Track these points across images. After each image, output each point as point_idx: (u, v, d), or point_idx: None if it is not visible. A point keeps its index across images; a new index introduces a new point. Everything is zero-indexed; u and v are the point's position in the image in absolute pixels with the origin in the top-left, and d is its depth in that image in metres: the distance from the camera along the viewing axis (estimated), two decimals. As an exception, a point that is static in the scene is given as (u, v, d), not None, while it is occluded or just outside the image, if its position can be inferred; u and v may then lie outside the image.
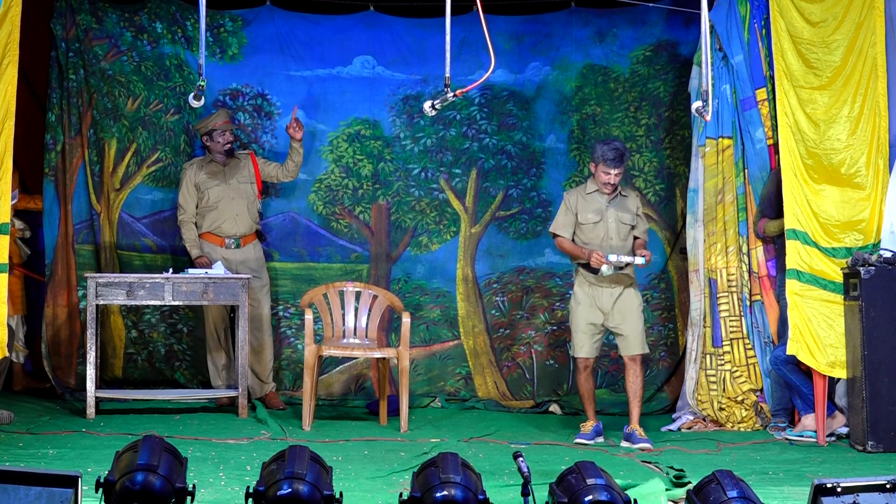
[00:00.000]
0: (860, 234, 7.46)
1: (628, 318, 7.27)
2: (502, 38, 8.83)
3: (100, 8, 8.61)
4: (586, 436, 7.30)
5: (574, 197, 7.40)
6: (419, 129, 8.93)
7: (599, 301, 7.29)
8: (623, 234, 7.32)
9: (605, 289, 7.28)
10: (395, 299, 8.03)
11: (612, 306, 7.27)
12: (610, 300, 7.27)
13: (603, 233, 7.30)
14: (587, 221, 7.31)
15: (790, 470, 6.37)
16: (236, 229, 8.32)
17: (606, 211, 7.31)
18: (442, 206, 8.94)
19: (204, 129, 8.33)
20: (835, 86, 7.58)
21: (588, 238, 7.32)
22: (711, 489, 4.36)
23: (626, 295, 7.29)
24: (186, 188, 8.31)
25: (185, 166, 8.42)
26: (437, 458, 4.47)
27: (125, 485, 4.12)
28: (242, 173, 8.37)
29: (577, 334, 7.34)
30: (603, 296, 7.28)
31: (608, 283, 7.27)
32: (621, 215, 7.31)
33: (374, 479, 5.94)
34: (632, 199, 7.45)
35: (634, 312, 7.29)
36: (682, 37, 8.82)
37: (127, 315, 8.67)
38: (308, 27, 8.90)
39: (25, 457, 6.22)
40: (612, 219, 7.29)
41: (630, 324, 7.27)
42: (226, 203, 8.29)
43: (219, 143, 8.28)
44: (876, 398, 7.01)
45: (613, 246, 7.26)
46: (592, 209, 7.32)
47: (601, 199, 7.34)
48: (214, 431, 7.24)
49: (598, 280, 7.27)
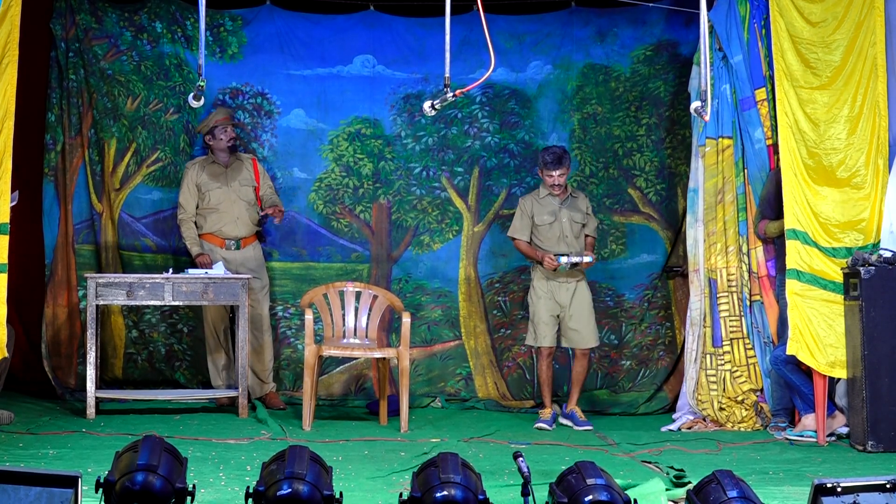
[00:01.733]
0: (860, 234, 7.46)
1: (583, 314, 7.96)
2: (503, 38, 8.83)
3: (99, 8, 8.61)
4: (547, 422, 7.91)
5: (529, 202, 8.07)
6: (420, 128, 8.93)
7: (557, 295, 7.96)
8: (576, 231, 8.01)
9: (563, 284, 7.94)
10: (396, 299, 8.03)
11: (570, 301, 7.93)
12: (567, 295, 7.95)
13: (558, 232, 7.97)
14: (543, 223, 7.99)
15: (790, 470, 6.37)
16: (237, 231, 8.32)
17: (560, 211, 7.98)
18: (444, 204, 8.94)
19: (205, 128, 8.33)
20: (835, 86, 7.58)
21: (545, 237, 7.99)
22: (711, 489, 4.36)
23: (580, 290, 7.97)
24: (187, 188, 8.31)
25: (187, 165, 8.42)
26: (437, 458, 4.47)
27: (125, 485, 4.12)
28: (244, 176, 8.36)
29: (540, 325, 7.96)
30: (560, 290, 7.95)
31: (564, 277, 7.93)
32: (573, 214, 7.99)
33: (374, 479, 5.94)
34: (582, 199, 8.12)
35: (587, 308, 7.99)
36: (683, 36, 8.82)
37: (127, 315, 8.67)
38: (308, 26, 8.89)
39: (25, 457, 6.22)
40: (566, 218, 7.97)
41: (584, 319, 7.96)
42: (227, 206, 8.29)
43: (221, 139, 8.28)
44: (876, 398, 7.01)
45: (569, 243, 7.95)
46: (547, 211, 7.99)
47: (554, 201, 8.01)
48: (214, 431, 7.24)
49: (554, 276, 7.93)
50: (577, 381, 8.05)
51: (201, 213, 8.33)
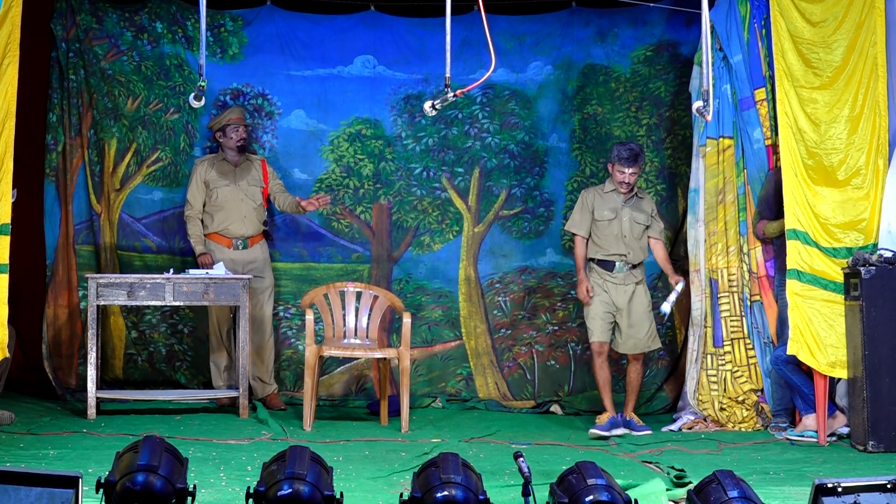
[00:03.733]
0: (860, 234, 7.46)
1: (641, 318, 7.69)
2: (503, 38, 8.83)
3: (100, 8, 8.61)
4: (602, 427, 7.51)
5: (591, 195, 7.78)
6: (421, 129, 8.93)
7: (614, 297, 7.67)
8: (637, 233, 7.70)
9: (619, 286, 7.68)
10: (396, 299, 8.03)
11: (628, 304, 7.67)
12: (624, 298, 7.67)
13: (617, 230, 7.67)
14: (602, 218, 7.67)
15: (791, 470, 6.37)
16: (244, 230, 8.32)
17: (622, 209, 7.68)
18: (444, 205, 8.94)
19: (218, 124, 8.33)
20: (835, 86, 7.58)
21: (603, 234, 7.68)
22: (712, 489, 4.36)
23: (638, 293, 7.70)
24: (196, 184, 8.30)
25: (196, 161, 8.42)
26: (437, 458, 4.47)
27: (126, 485, 4.12)
28: (252, 175, 8.36)
29: (594, 320, 7.66)
30: (617, 292, 7.67)
31: (620, 280, 7.66)
32: (636, 215, 7.69)
33: (375, 479, 5.94)
34: (647, 201, 7.86)
35: (645, 311, 7.71)
36: (683, 37, 8.82)
37: (128, 315, 8.67)
38: (309, 27, 8.89)
39: (26, 457, 6.22)
40: (627, 217, 7.67)
41: (641, 323, 7.69)
42: (234, 204, 8.29)
43: (231, 138, 8.28)
44: (876, 398, 7.01)
45: (627, 243, 7.64)
46: (608, 207, 7.69)
47: (617, 198, 7.71)
48: (215, 432, 7.24)
49: (611, 277, 7.67)
50: (633, 388, 7.75)
51: (208, 211, 8.32)
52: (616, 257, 7.69)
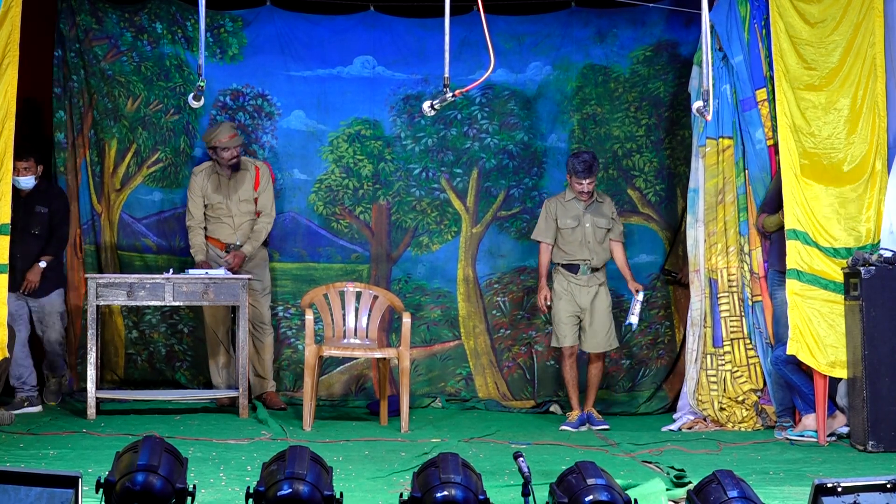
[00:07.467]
0: (860, 234, 7.46)
1: (601, 318, 7.97)
2: (503, 38, 8.83)
3: (100, 8, 8.62)
4: (571, 424, 7.90)
5: (554, 204, 8.08)
6: (420, 129, 8.93)
7: (578, 297, 7.96)
8: (600, 237, 8.01)
9: (583, 287, 7.97)
10: (396, 299, 8.03)
11: (590, 304, 7.95)
12: (588, 298, 7.96)
13: (580, 237, 7.97)
14: (566, 227, 7.99)
15: (791, 470, 6.37)
16: (234, 240, 8.31)
17: (583, 216, 7.98)
18: (443, 205, 8.94)
19: (209, 143, 8.30)
20: (833, 86, 7.58)
21: (568, 241, 7.98)
22: (712, 489, 4.36)
23: (600, 294, 8.00)
24: (194, 195, 8.29)
25: (194, 171, 8.40)
26: (437, 458, 4.47)
27: (125, 485, 4.12)
28: (244, 188, 8.31)
29: (561, 325, 7.98)
30: (581, 293, 7.96)
31: (584, 282, 7.96)
32: (597, 220, 7.99)
33: (375, 479, 5.94)
34: (607, 204, 8.12)
35: (605, 312, 8.00)
36: (683, 37, 8.82)
37: (128, 315, 8.67)
38: (308, 27, 8.89)
39: (26, 457, 6.22)
40: (589, 224, 7.97)
41: (601, 323, 7.97)
42: (225, 218, 8.30)
43: (223, 157, 8.25)
44: (876, 398, 7.01)
45: (591, 248, 7.96)
46: (570, 215, 7.99)
47: (579, 205, 8.02)
48: (215, 432, 7.24)
49: (575, 279, 7.96)
50: (592, 384, 8.07)
51: (205, 217, 8.34)
52: (580, 262, 7.95)
